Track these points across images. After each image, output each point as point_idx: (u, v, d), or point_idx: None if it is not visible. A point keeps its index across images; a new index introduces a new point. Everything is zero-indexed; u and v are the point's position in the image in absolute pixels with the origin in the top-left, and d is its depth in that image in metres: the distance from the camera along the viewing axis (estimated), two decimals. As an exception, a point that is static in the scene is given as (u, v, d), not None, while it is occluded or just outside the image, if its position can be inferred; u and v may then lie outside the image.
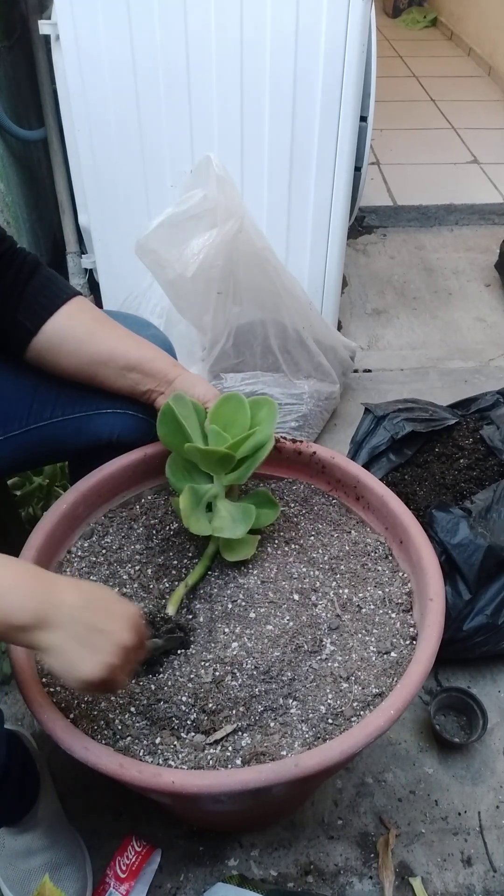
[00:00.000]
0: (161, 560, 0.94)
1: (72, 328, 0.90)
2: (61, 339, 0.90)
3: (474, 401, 1.45)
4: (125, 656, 0.66)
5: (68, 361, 0.91)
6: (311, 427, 1.67)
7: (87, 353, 0.91)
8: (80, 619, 0.63)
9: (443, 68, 4.09)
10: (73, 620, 0.63)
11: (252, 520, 0.89)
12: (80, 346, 0.90)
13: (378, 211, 2.68)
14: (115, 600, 0.69)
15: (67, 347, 0.90)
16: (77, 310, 0.91)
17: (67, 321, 0.90)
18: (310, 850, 1.06)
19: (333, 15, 1.36)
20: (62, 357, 0.91)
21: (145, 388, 0.94)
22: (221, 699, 0.78)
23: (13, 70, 1.80)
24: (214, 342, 1.55)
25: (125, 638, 0.65)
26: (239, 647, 0.83)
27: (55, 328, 0.89)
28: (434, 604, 0.82)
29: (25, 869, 0.99)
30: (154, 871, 1.02)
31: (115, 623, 0.66)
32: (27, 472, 1.49)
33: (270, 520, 0.94)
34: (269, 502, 0.95)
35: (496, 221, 2.72)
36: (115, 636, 0.65)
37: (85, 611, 0.64)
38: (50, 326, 0.89)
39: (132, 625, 0.67)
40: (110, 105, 1.47)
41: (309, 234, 1.66)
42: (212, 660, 0.82)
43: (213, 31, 1.38)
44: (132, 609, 0.70)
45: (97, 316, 0.93)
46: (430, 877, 1.04)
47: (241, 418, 0.90)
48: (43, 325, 0.89)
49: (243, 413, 0.91)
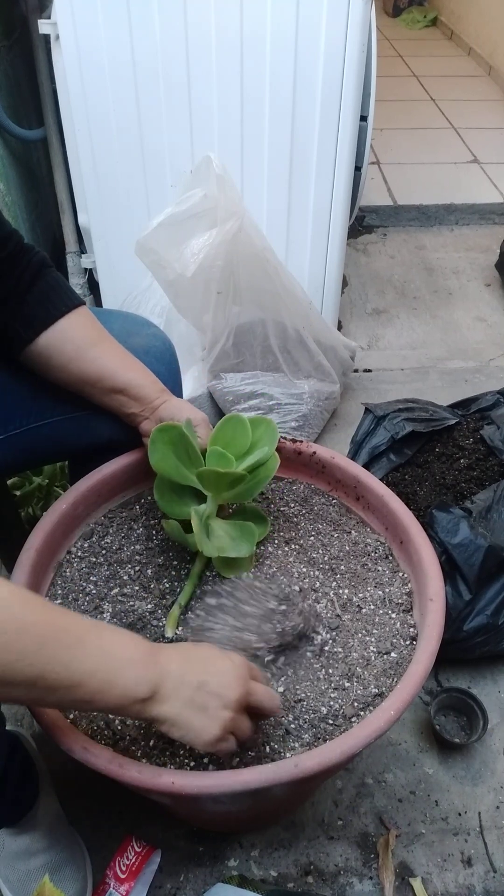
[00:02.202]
0: (161, 560, 0.94)
1: (63, 344, 0.89)
2: (50, 354, 0.89)
3: (474, 401, 1.44)
4: (238, 708, 0.65)
5: (57, 375, 0.91)
6: (311, 427, 1.67)
7: (76, 371, 0.90)
8: (189, 683, 0.63)
9: (443, 68, 4.09)
10: (182, 686, 0.63)
11: (255, 538, 0.90)
12: (70, 364, 0.90)
13: (378, 210, 2.68)
14: (216, 657, 0.68)
15: (56, 363, 0.90)
16: (72, 325, 0.90)
17: (61, 336, 0.89)
18: (310, 851, 1.06)
19: (333, 14, 1.36)
20: (52, 370, 0.91)
21: (130, 411, 0.94)
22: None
23: (13, 70, 1.80)
24: (214, 342, 1.55)
25: (233, 693, 0.65)
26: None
27: (48, 342, 0.89)
28: (434, 604, 0.82)
29: (25, 869, 0.99)
30: (154, 872, 1.02)
31: (221, 679, 0.65)
32: (27, 472, 1.49)
33: (262, 535, 0.95)
34: (259, 517, 0.96)
35: (496, 221, 2.72)
36: (224, 695, 0.64)
37: (191, 675, 0.64)
38: (43, 339, 0.88)
39: (237, 676, 0.66)
40: (110, 105, 1.47)
41: (309, 233, 1.66)
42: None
43: (213, 30, 1.38)
44: (235, 660, 0.68)
45: (91, 333, 0.92)
46: (430, 877, 1.04)
47: (242, 438, 0.91)
48: (37, 336, 0.88)
49: (244, 433, 0.92)
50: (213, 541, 0.88)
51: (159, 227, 1.37)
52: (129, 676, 0.60)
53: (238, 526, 0.91)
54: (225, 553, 0.87)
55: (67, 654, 0.57)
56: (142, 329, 1.06)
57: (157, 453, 0.90)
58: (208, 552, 0.86)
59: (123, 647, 0.61)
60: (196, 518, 0.86)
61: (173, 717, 0.62)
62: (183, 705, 0.62)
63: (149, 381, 0.94)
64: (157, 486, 0.93)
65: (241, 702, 0.65)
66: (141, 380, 0.93)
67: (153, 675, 0.61)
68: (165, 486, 0.93)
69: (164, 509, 0.92)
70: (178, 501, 0.92)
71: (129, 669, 0.60)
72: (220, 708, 0.64)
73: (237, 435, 0.92)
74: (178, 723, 0.62)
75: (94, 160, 1.55)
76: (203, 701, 0.63)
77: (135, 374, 0.93)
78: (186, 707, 0.62)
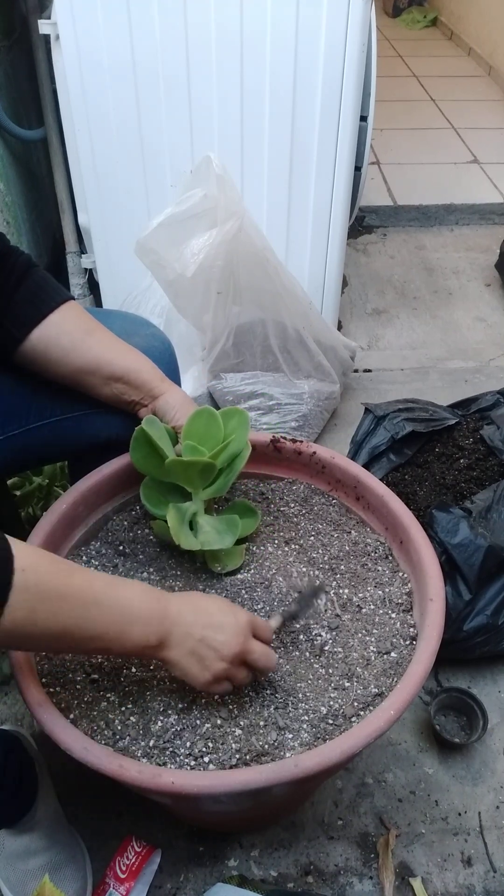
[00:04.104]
0: (162, 560, 0.94)
1: (58, 337, 0.89)
2: (47, 349, 0.89)
3: (474, 401, 1.44)
4: (233, 661, 0.73)
5: (55, 370, 0.91)
6: (311, 427, 1.67)
7: (73, 362, 0.90)
8: (192, 635, 0.71)
9: (443, 68, 4.09)
10: (187, 638, 0.71)
11: (238, 529, 0.90)
12: (66, 356, 0.90)
13: (378, 211, 2.68)
14: (222, 613, 0.74)
15: (53, 356, 0.90)
16: (64, 318, 0.90)
17: (54, 330, 0.89)
18: (310, 851, 1.06)
19: (333, 14, 1.36)
20: (49, 365, 0.91)
21: (130, 399, 0.94)
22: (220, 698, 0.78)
23: (13, 70, 1.80)
24: (214, 342, 1.55)
25: (230, 649, 0.72)
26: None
27: (41, 337, 0.89)
28: (434, 604, 0.82)
29: (25, 869, 0.99)
30: (154, 872, 1.02)
31: (221, 636, 0.72)
32: (27, 472, 1.49)
33: (252, 528, 0.95)
34: (248, 511, 0.96)
35: (496, 221, 2.72)
36: (223, 650, 0.72)
37: (195, 628, 0.72)
38: (36, 335, 0.89)
39: (236, 634, 0.73)
40: (110, 105, 1.47)
41: (309, 233, 1.66)
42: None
43: (213, 30, 1.38)
44: (240, 618, 0.75)
45: (85, 324, 0.92)
46: (430, 877, 1.04)
47: (215, 430, 0.91)
48: (29, 333, 0.88)
49: (216, 426, 0.91)
50: (200, 536, 0.89)
51: (159, 227, 1.37)
52: (141, 629, 0.69)
53: (224, 520, 0.92)
54: (210, 546, 0.88)
55: (86, 612, 0.66)
56: (141, 329, 1.06)
57: (138, 452, 0.90)
58: (188, 546, 0.86)
59: (137, 603, 0.69)
60: (174, 513, 0.87)
61: (175, 661, 0.72)
62: (185, 653, 0.71)
63: (148, 366, 0.94)
64: (144, 489, 0.93)
65: (237, 657, 0.73)
66: (140, 365, 0.93)
67: (162, 627, 0.70)
68: (152, 488, 0.94)
69: (150, 510, 0.93)
70: (165, 502, 0.93)
71: (141, 624, 0.69)
72: (216, 660, 0.72)
73: (210, 427, 0.91)
74: (179, 666, 0.72)
75: (94, 160, 1.55)
76: (202, 653, 0.72)
77: (133, 360, 0.93)
78: (187, 655, 0.71)
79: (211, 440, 0.90)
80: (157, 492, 0.94)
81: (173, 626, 0.71)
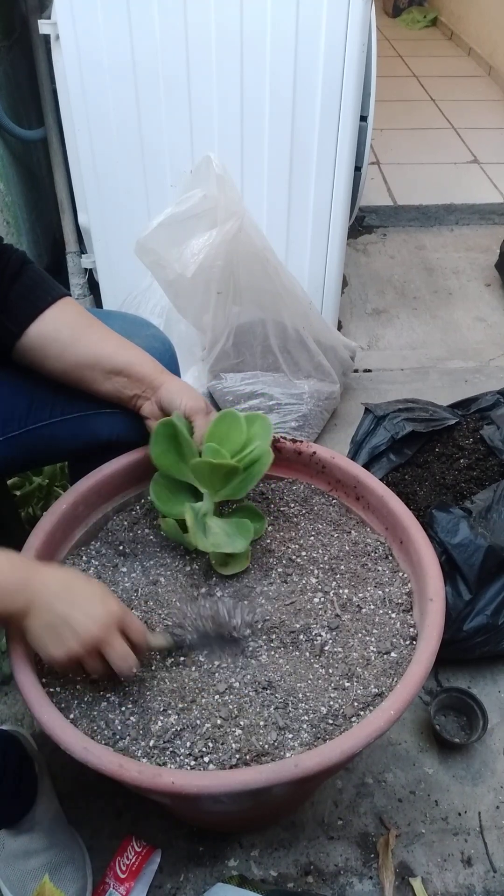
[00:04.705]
0: (162, 560, 0.94)
1: (56, 332, 0.89)
2: (45, 344, 0.89)
3: (474, 401, 1.44)
4: (90, 647, 0.72)
5: (53, 365, 0.91)
6: (311, 427, 1.67)
7: (72, 356, 0.90)
8: (54, 610, 0.72)
9: (443, 68, 4.08)
10: (47, 611, 0.72)
11: (250, 534, 0.90)
12: (65, 350, 0.90)
13: (378, 211, 2.68)
14: (92, 599, 0.74)
15: (52, 351, 0.90)
16: (61, 313, 0.90)
17: (52, 325, 0.89)
18: (310, 851, 1.06)
19: (333, 14, 1.36)
20: (47, 360, 0.91)
21: (131, 393, 0.94)
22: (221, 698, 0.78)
23: (13, 70, 1.80)
24: (214, 342, 1.55)
25: (88, 635, 0.72)
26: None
27: (39, 332, 0.89)
28: (434, 604, 0.82)
29: (25, 869, 0.99)
30: (154, 872, 1.02)
31: (85, 618, 0.72)
32: (27, 472, 1.49)
33: (259, 533, 0.95)
34: (255, 515, 0.96)
35: (496, 221, 2.72)
36: (80, 631, 0.71)
37: (60, 605, 0.72)
38: (34, 330, 0.89)
39: (100, 623, 0.72)
40: (110, 105, 1.47)
41: (309, 233, 1.66)
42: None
43: (213, 30, 1.38)
44: (111, 609, 0.74)
45: (82, 319, 0.92)
46: (430, 877, 1.04)
47: (236, 434, 0.91)
48: (26, 329, 0.88)
49: (238, 429, 0.91)
50: (210, 538, 0.88)
51: (159, 227, 1.37)
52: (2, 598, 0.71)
53: (234, 523, 0.91)
54: (220, 548, 0.87)
55: None
56: (141, 330, 1.06)
57: (158, 447, 0.90)
58: (204, 547, 0.86)
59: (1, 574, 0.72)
60: (191, 514, 0.87)
61: (32, 630, 0.73)
62: (43, 625, 0.72)
63: (147, 360, 0.94)
64: (154, 486, 0.93)
65: (93, 644, 0.72)
66: (139, 359, 0.93)
67: (22, 598, 0.72)
68: (162, 485, 0.93)
69: (160, 509, 0.92)
70: (175, 500, 0.92)
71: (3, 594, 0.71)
72: (72, 639, 0.72)
73: (232, 431, 0.91)
74: (35, 636, 0.73)
75: (94, 160, 1.55)
76: (60, 630, 0.72)
77: (133, 353, 0.93)
78: (44, 627, 0.72)
79: (231, 443, 0.90)
80: (167, 489, 0.93)
81: (35, 596, 0.72)
